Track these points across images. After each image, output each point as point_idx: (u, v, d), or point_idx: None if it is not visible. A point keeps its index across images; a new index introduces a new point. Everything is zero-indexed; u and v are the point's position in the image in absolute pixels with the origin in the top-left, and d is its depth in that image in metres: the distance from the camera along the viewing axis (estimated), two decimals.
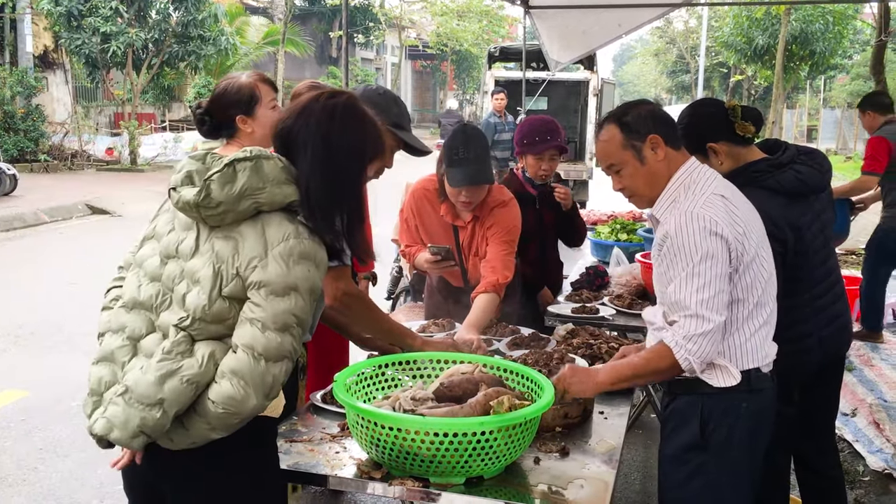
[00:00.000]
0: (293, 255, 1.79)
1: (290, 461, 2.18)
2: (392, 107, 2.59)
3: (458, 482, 2.02)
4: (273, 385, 1.78)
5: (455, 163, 3.25)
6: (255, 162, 1.82)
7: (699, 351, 2.10)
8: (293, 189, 1.85)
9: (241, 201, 1.81)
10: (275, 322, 1.77)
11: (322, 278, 1.85)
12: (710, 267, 2.09)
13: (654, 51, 50.11)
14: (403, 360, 2.54)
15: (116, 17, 17.06)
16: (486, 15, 32.74)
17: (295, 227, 1.82)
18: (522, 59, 9.49)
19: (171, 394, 1.76)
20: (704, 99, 3.00)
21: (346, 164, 1.90)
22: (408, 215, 3.57)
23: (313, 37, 30.70)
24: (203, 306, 1.79)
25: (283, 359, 1.79)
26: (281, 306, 1.77)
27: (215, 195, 1.80)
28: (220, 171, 1.81)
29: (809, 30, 21.49)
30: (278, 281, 1.77)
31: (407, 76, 39.24)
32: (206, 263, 1.82)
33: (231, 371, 1.76)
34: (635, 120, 2.25)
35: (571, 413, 2.43)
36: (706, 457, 2.20)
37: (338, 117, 1.90)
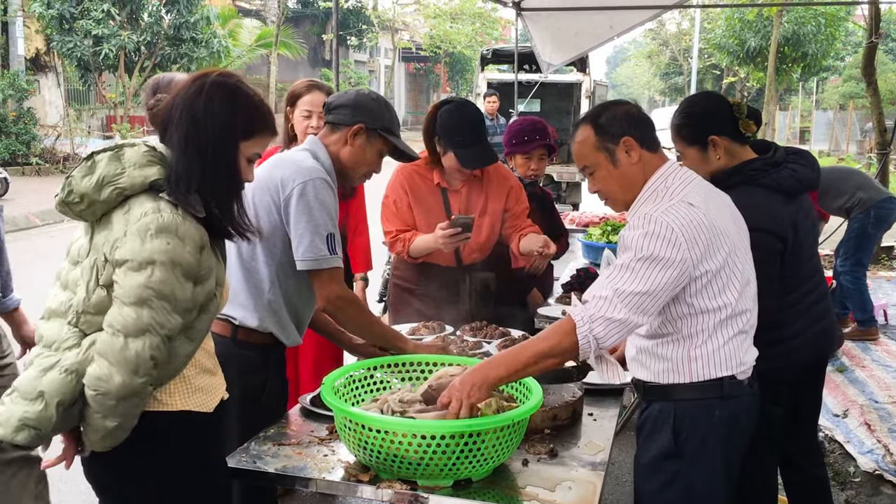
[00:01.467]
0: (150, 229, 1.80)
1: (279, 464, 2.17)
2: (384, 112, 2.60)
3: (445, 485, 2.02)
4: (138, 361, 1.78)
5: (462, 144, 3.26)
6: (116, 150, 1.87)
7: (604, 335, 2.03)
8: (156, 169, 1.87)
9: (101, 190, 1.84)
10: (130, 296, 1.79)
11: (193, 252, 1.84)
12: (649, 268, 2.02)
13: (647, 53, 50.17)
14: (392, 362, 2.53)
15: (108, 19, 17.02)
16: (479, 17, 32.76)
17: (156, 203, 1.84)
18: (515, 62, 9.49)
19: (50, 385, 1.80)
20: (709, 92, 3.02)
21: (212, 138, 1.89)
22: (395, 196, 3.47)
23: (306, 39, 30.67)
24: (83, 298, 1.84)
25: (143, 333, 1.78)
26: (137, 280, 1.79)
27: (76, 189, 1.85)
28: (80, 165, 1.87)
29: (801, 32, 21.55)
30: (134, 256, 1.80)
31: (400, 78, 39.25)
32: (91, 258, 1.87)
33: (97, 352, 1.80)
34: (609, 121, 2.21)
35: (560, 415, 2.43)
36: (680, 465, 2.17)
37: (205, 93, 1.91)
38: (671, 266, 2.02)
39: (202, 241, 1.87)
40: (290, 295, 2.54)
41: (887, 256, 9.50)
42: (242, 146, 1.95)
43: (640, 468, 2.28)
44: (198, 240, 1.86)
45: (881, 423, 4.60)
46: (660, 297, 2.05)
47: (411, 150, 2.69)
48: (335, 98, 2.65)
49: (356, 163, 2.60)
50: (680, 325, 2.15)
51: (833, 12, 21.33)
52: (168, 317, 1.82)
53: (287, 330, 2.56)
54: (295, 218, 2.42)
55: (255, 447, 2.28)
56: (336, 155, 2.58)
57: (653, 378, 2.22)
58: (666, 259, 2.02)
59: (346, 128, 2.56)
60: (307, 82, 3.57)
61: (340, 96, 2.65)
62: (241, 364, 2.48)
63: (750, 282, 2.22)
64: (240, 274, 2.51)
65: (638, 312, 2.04)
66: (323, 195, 2.44)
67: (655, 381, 2.21)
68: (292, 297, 2.55)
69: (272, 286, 2.50)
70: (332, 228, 2.46)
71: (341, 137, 2.57)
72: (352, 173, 2.63)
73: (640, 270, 2.03)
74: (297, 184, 2.42)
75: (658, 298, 2.05)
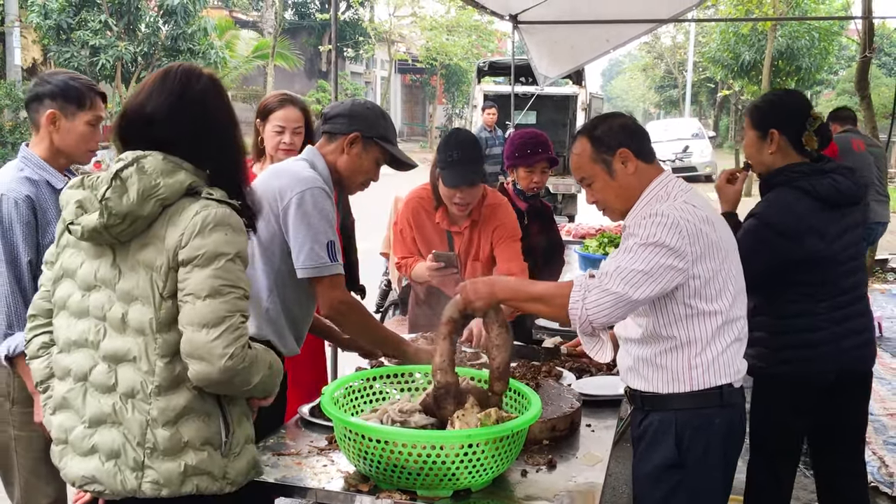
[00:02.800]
0: (207, 224, 1.83)
1: (278, 474, 2.17)
2: (379, 120, 2.63)
3: (445, 495, 2.03)
4: (224, 350, 1.78)
5: (449, 165, 3.29)
6: (137, 164, 1.85)
7: (595, 305, 2.08)
8: (184, 174, 1.88)
9: (144, 204, 1.83)
10: (203, 289, 1.80)
11: (246, 241, 1.88)
12: (654, 253, 2.08)
13: (643, 66, 50.40)
14: (391, 373, 2.54)
15: (106, 30, 17.04)
16: (476, 30, 32.87)
17: (200, 202, 1.86)
18: (511, 74, 9.53)
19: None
20: (797, 92, 3.12)
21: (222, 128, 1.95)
22: (403, 227, 3.58)
23: (303, 51, 30.74)
24: (150, 319, 1.82)
25: (222, 321, 1.80)
26: (205, 273, 1.81)
27: (117, 210, 1.82)
28: (110, 186, 1.83)
29: (795, 46, 21.67)
30: (199, 252, 1.81)
31: (396, 90, 39.32)
32: (138, 277, 1.84)
33: (186, 355, 1.80)
34: (605, 133, 2.26)
35: (559, 426, 2.43)
36: (683, 475, 2.19)
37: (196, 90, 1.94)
38: (673, 254, 2.07)
39: (244, 229, 1.92)
40: (288, 304, 2.55)
41: (881, 269, 9.55)
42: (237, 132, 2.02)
43: (641, 478, 2.29)
44: (242, 228, 1.91)
45: (876, 435, 4.61)
46: (658, 280, 2.08)
47: (408, 157, 2.70)
48: (331, 108, 2.67)
49: (353, 171, 2.62)
50: (678, 330, 2.17)
51: (827, 27, 21.47)
52: (239, 303, 1.84)
53: (285, 339, 2.57)
54: (294, 227, 2.43)
55: None
56: (333, 164, 2.59)
57: (651, 388, 2.24)
58: (669, 246, 2.07)
59: (342, 137, 2.58)
60: (280, 96, 3.46)
61: (336, 106, 2.67)
62: None
63: (742, 290, 2.26)
64: None
65: (633, 288, 2.07)
66: (321, 204, 2.46)
67: (654, 390, 2.22)
68: (291, 306, 2.56)
69: (270, 294, 2.51)
70: (331, 236, 2.47)
71: (338, 147, 2.59)
72: (349, 182, 2.65)
73: (642, 253, 2.08)
74: (296, 193, 2.44)
75: (656, 281, 2.08)
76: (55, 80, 2.62)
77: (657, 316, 2.19)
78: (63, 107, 2.61)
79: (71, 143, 2.65)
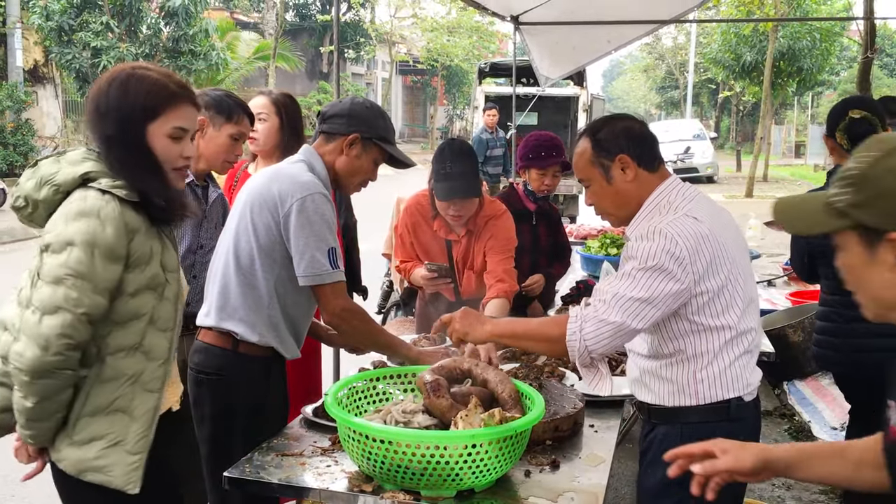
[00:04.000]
0: (72, 212, 1.90)
1: (282, 475, 2.18)
2: (378, 120, 2.61)
3: (448, 495, 2.03)
4: (49, 338, 1.84)
5: (442, 177, 3.29)
6: (59, 154, 2.00)
7: (594, 337, 2.05)
8: (90, 164, 1.96)
9: (40, 190, 1.94)
10: (48, 275, 1.87)
11: (116, 235, 1.90)
12: (651, 277, 2.03)
13: (644, 67, 50.43)
14: (395, 373, 2.54)
15: (107, 31, 17.06)
16: (477, 31, 32.89)
17: (84, 191, 1.92)
18: (513, 75, 9.53)
19: None
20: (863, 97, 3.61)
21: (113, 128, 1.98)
22: (402, 231, 3.60)
23: (304, 52, 30.75)
24: (27, 296, 1.92)
25: (56, 311, 1.85)
26: (55, 261, 1.87)
27: (21, 192, 1.98)
28: (26, 171, 2.00)
29: (797, 46, 21.69)
30: (55, 238, 1.89)
31: (397, 91, 39.35)
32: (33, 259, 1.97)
33: (19, 330, 1.89)
34: (607, 137, 2.21)
35: (562, 426, 2.44)
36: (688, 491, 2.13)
37: (102, 88, 2.01)
38: (673, 279, 2.03)
39: (133, 226, 1.94)
40: (288, 309, 2.54)
41: None
42: (152, 127, 1.99)
43: (646, 492, 2.25)
44: (124, 224, 1.91)
45: None
46: (658, 307, 2.04)
47: (407, 157, 2.69)
48: (330, 107, 2.65)
49: (352, 172, 2.60)
50: (684, 345, 2.13)
51: (828, 27, 21.49)
52: (85, 296, 1.87)
53: (286, 343, 2.57)
54: (295, 234, 2.42)
55: (258, 458, 2.29)
56: (331, 164, 2.58)
57: (657, 400, 2.20)
58: (669, 271, 2.02)
59: (341, 137, 2.56)
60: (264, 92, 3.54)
61: (335, 105, 2.65)
62: (243, 376, 2.50)
63: (753, 300, 2.21)
64: (239, 289, 2.50)
65: (633, 318, 2.03)
66: (322, 209, 2.44)
67: (660, 403, 2.19)
68: (291, 311, 2.56)
69: (271, 300, 2.50)
70: (332, 243, 2.47)
71: (336, 147, 2.57)
72: (347, 182, 2.64)
73: (641, 279, 2.03)
74: (296, 199, 2.42)
75: (657, 308, 2.04)
76: (213, 94, 2.90)
77: (661, 333, 2.15)
78: (213, 117, 2.85)
79: (211, 151, 2.88)
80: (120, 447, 1.98)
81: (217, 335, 2.52)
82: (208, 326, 2.55)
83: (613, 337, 2.05)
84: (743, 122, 37.19)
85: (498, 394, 2.25)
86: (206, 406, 2.53)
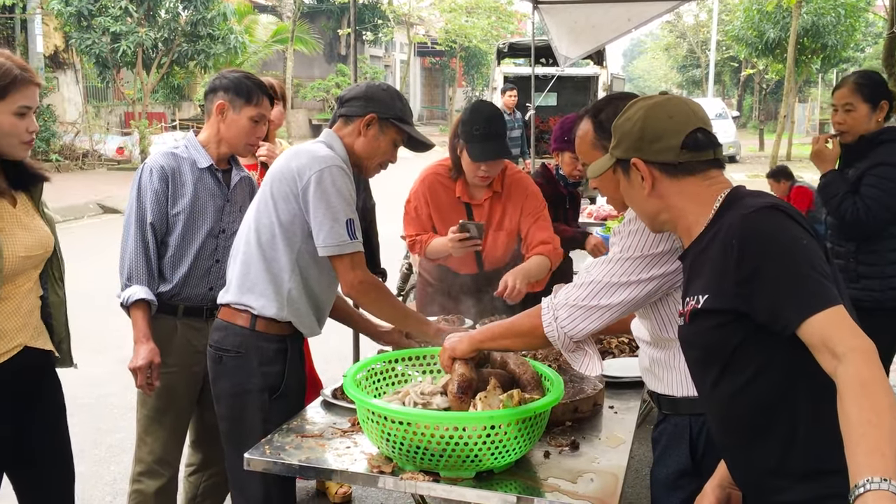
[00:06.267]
0: None
1: (301, 456, 2.19)
2: (395, 101, 2.62)
3: (468, 476, 2.03)
4: None
5: (476, 138, 3.26)
6: None
7: (568, 322, 2.03)
8: None
9: None
10: None
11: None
12: (630, 265, 2.00)
13: (665, 45, 49.88)
14: (413, 355, 2.55)
15: (126, 16, 17.13)
16: (495, 11, 32.71)
17: None
18: (531, 55, 9.46)
19: None
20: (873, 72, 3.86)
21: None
22: (417, 203, 3.52)
23: (322, 35, 30.74)
24: None
25: None
26: None
27: None
28: None
29: (821, 23, 21.36)
30: None
31: (416, 73, 39.24)
32: None
33: None
34: (608, 119, 2.09)
35: (581, 407, 2.43)
36: (700, 483, 2.04)
37: None
38: (649, 264, 2.00)
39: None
40: (310, 284, 2.56)
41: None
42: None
43: (658, 484, 2.21)
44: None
45: None
46: (630, 289, 2.00)
47: (425, 137, 2.68)
48: (347, 91, 2.68)
49: (370, 153, 2.61)
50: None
51: (853, 3, 21.14)
52: None
53: (306, 320, 2.58)
54: (314, 206, 2.44)
55: (278, 439, 2.30)
56: (350, 146, 2.60)
57: (667, 390, 2.16)
58: (645, 255, 2.00)
59: (358, 119, 2.58)
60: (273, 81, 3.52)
61: (352, 89, 2.67)
62: (261, 354, 2.52)
63: None
64: (260, 264, 2.53)
65: (601, 297, 2.00)
66: (340, 182, 2.46)
67: (670, 393, 2.15)
68: (312, 286, 2.57)
69: (292, 275, 2.52)
70: (350, 214, 2.48)
71: (354, 129, 2.59)
72: (367, 164, 2.64)
73: (618, 266, 2.01)
74: (314, 172, 2.44)
75: (627, 289, 2.00)
76: (231, 76, 2.86)
77: (654, 318, 2.11)
78: (232, 99, 2.82)
79: (232, 134, 2.85)
80: None
81: (235, 312, 2.54)
82: (227, 303, 2.58)
83: (587, 318, 2.02)
84: (766, 101, 36.75)
85: (518, 375, 2.24)
86: (224, 383, 2.56)
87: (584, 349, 2.11)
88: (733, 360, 1.67)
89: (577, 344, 2.09)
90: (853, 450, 1.34)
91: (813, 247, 1.58)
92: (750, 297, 1.57)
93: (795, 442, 1.61)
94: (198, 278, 2.89)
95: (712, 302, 1.66)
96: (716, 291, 1.65)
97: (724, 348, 1.67)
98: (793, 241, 1.57)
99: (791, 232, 1.59)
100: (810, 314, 1.48)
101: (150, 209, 2.82)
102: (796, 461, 1.61)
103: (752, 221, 1.61)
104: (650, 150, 1.78)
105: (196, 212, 2.86)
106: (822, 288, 1.51)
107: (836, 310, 1.49)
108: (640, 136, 1.79)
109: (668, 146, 1.76)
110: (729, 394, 1.70)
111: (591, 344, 2.13)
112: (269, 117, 2.92)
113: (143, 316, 2.78)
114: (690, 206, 1.77)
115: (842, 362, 1.42)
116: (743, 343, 1.64)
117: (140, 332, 2.76)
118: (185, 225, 2.85)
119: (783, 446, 1.62)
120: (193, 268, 2.87)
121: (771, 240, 1.58)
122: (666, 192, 1.79)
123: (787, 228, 1.60)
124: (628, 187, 1.86)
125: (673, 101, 1.82)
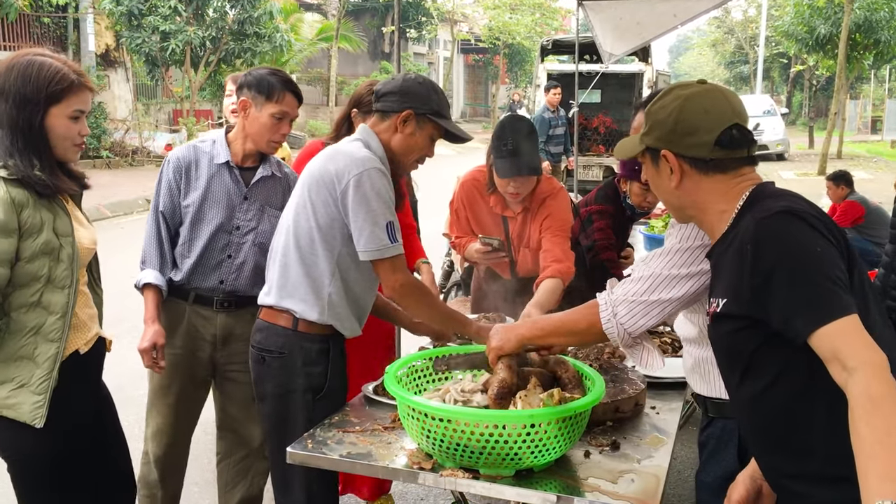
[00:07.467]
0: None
1: (343, 450, 2.21)
2: (431, 95, 2.58)
3: (507, 474, 2.03)
4: None
5: (503, 154, 3.25)
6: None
7: (627, 317, 2.00)
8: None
9: None
10: None
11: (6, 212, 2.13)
12: (686, 256, 1.98)
13: (712, 41, 49.13)
14: (455, 352, 2.55)
15: (175, 15, 17.39)
16: (539, 8, 32.49)
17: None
18: (576, 52, 9.38)
19: None
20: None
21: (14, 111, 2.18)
22: (458, 207, 3.58)
23: (366, 32, 30.87)
24: None
25: None
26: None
27: None
28: None
29: (874, 18, 20.81)
30: None
31: (459, 70, 39.21)
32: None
33: None
34: None
35: (623, 407, 2.41)
36: None
37: (4, 74, 2.17)
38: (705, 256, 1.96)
39: (20, 201, 2.16)
40: (350, 287, 2.57)
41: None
42: (54, 110, 2.22)
43: (704, 488, 2.20)
44: (10, 200, 2.14)
45: None
46: (687, 282, 1.97)
47: (462, 131, 2.64)
48: (382, 85, 2.63)
49: (408, 149, 2.59)
50: None
51: None
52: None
53: (347, 322, 2.60)
54: (353, 210, 2.44)
55: (320, 434, 2.33)
56: (387, 143, 2.58)
57: (714, 392, 2.14)
58: (702, 246, 1.97)
59: (395, 115, 2.55)
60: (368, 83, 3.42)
61: (388, 83, 2.62)
62: (304, 355, 2.54)
63: None
64: (299, 269, 2.54)
65: (660, 292, 1.98)
66: (379, 185, 2.45)
67: (716, 395, 2.13)
68: (353, 289, 2.58)
69: (332, 279, 2.53)
70: (390, 217, 2.48)
71: (391, 125, 2.56)
72: (404, 160, 2.62)
73: (674, 257, 2.00)
74: (353, 175, 2.44)
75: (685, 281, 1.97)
76: (256, 73, 2.90)
77: (704, 314, 2.07)
78: (255, 97, 2.85)
79: (255, 130, 2.88)
80: (25, 388, 2.24)
81: (277, 313, 2.57)
82: (269, 305, 2.60)
83: (646, 313, 2.00)
84: (816, 98, 35.95)
85: (559, 374, 2.24)
86: (268, 384, 2.59)
87: (643, 344, 2.11)
88: (752, 365, 1.65)
89: (635, 339, 2.08)
90: (864, 471, 1.33)
91: (829, 254, 1.54)
92: (764, 304, 1.55)
93: (815, 448, 1.58)
94: (207, 271, 2.94)
95: (730, 306, 1.65)
96: (733, 296, 1.65)
97: (742, 353, 1.66)
98: (804, 249, 1.54)
99: (804, 238, 1.55)
100: (819, 325, 1.45)
101: (163, 199, 2.93)
102: (816, 467, 1.58)
103: (766, 227, 1.59)
104: (682, 143, 1.75)
105: (206, 206, 2.89)
106: (833, 297, 1.47)
107: (847, 320, 1.45)
108: (673, 127, 1.76)
109: (702, 142, 1.74)
110: (749, 398, 1.68)
111: (648, 338, 2.12)
112: (294, 115, 2.89)
113: (152, 298, 2.89)
114: (716, 204, 1.76)
115: (852, 376, 1.40)
116: (760, 348, 1.62)
117: (148, 313, 2.87)
118: (193, 217, 2.90)
119: (803, 452, 1.60)
120: (201, 261, 2.92)
121: (782, 247, 1.55)
122: (694, 188, 1.77)
123: (801, 235, 1.56)
124: (656, 176, 1.85)
125: (711, 94, 1.77)
